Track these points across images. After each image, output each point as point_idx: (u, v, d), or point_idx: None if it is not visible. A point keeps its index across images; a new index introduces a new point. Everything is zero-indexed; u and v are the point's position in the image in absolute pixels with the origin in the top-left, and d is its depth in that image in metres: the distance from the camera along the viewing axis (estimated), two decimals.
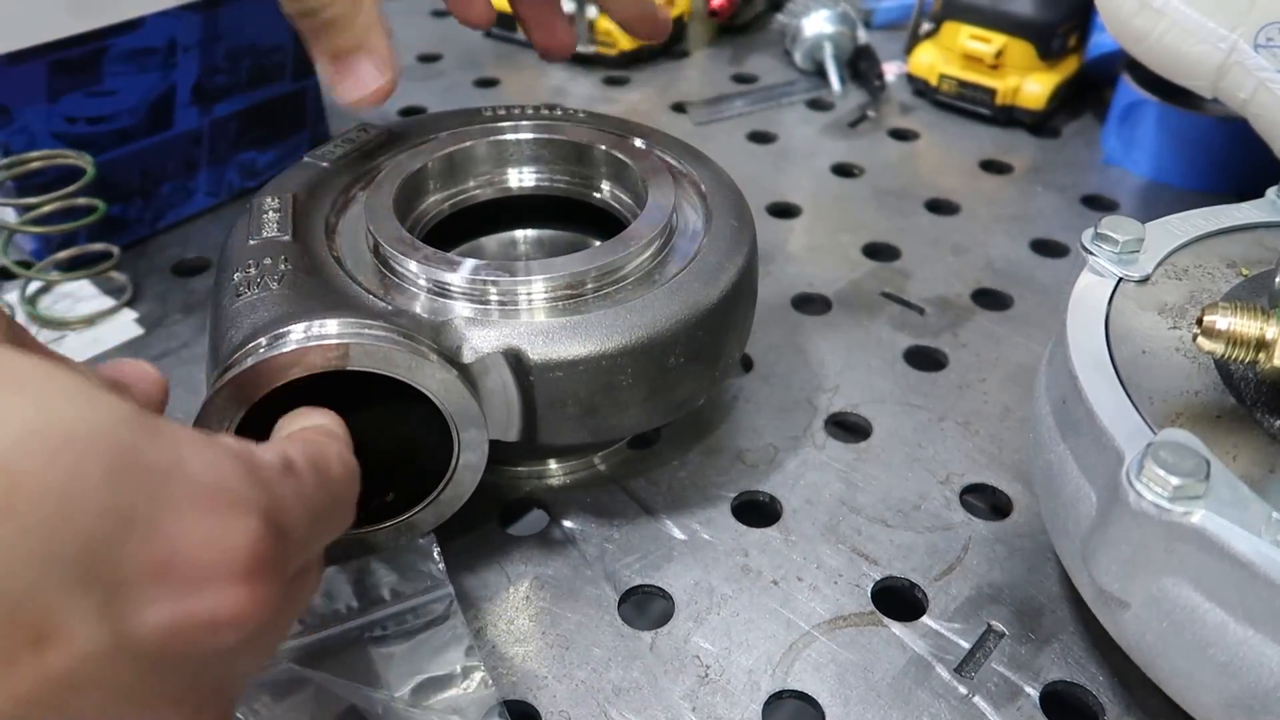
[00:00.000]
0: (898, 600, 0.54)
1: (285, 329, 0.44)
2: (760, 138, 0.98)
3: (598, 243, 0.58)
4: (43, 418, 0.23)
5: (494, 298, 0.49)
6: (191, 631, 0.25)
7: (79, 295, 0.74)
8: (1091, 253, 0.52)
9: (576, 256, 0.51)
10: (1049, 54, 0.97)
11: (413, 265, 0.50)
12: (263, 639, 0.29)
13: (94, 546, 0.23)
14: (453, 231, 0.62)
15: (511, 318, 0.48)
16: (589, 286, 0.50)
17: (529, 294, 0.49)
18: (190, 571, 0.24)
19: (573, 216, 0.64)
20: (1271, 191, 0.58)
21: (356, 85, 0.52)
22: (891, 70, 1.07)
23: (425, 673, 0.47)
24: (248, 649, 0.27)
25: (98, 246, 0.73)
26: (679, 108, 1.02)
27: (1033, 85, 0.97)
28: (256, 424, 0.42)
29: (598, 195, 0.61)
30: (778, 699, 0.48)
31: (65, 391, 0.24)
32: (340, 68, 0.52)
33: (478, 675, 0.47)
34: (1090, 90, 1.03)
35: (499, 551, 0.55)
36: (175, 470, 0.25)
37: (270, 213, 0.53)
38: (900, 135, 0.99)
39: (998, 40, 0.97)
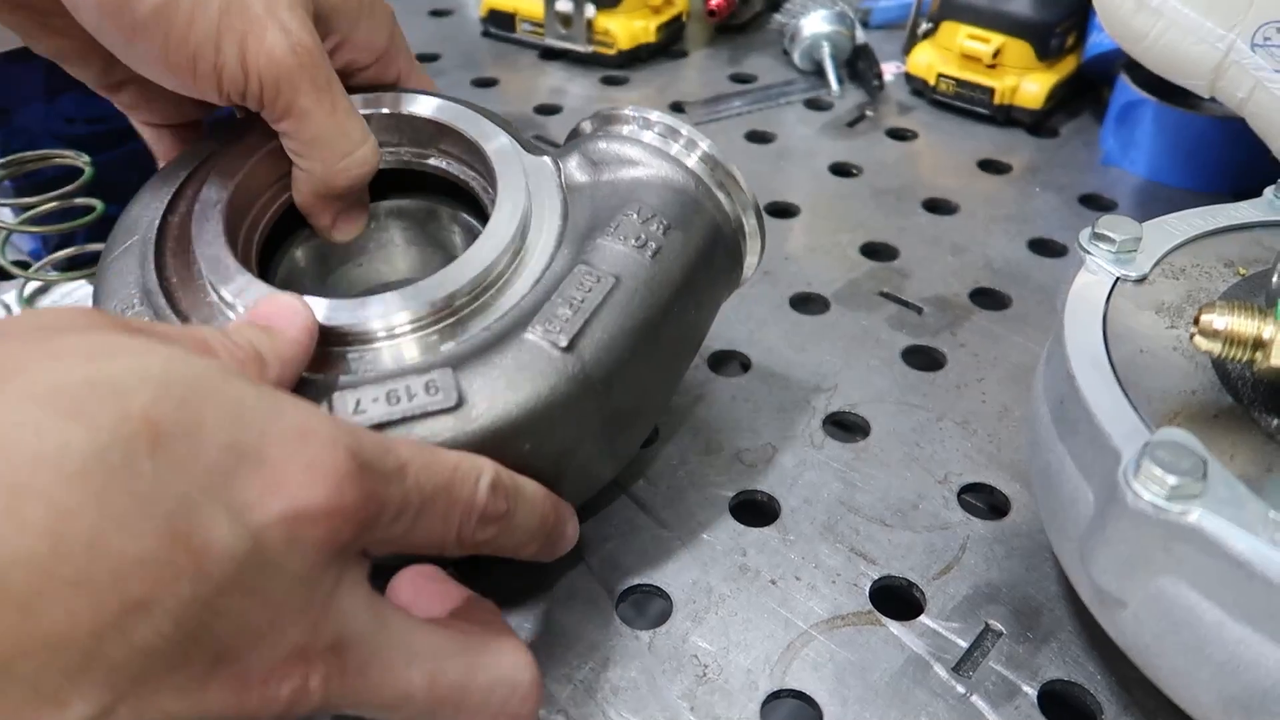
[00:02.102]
0: (896, 599, 0.54)
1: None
2: (758, 137, 0.98)
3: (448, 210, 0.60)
4: (170, 375, 0.31)
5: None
6: (295, 524, 0.31)
7: (77, 296, 0.74)
8: (1089, 252, 0.52)
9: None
10: (1047, 53, 0.97)
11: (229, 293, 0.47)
12: (370, 535, 0.35)
13: (220, 474, 0.30)
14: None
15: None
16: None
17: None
18: (293, 484, 0.32)
19: (423, 186, 0.60)
20: (1269, 191, 0.58)
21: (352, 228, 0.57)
22: (890, 70, 1.07)
23: None
24: (350, 546, 0.34)
25: (96, 247, 0.73)
26: (677, 107, 1.02)
27: (1031, 85, 0.97)
28: None
29: (435, 163, 0.57)
30: (776, 698, 0.48)
31: (181, 358, 0.32)
32: (337, 224, 0.56)
33: None
34: (1088, 90, 1.04)
35: None
36: (273, 414, 0.33)
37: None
38: (898, 135, 0.99)
39: (996, 40, 0.97)
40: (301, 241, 0.58)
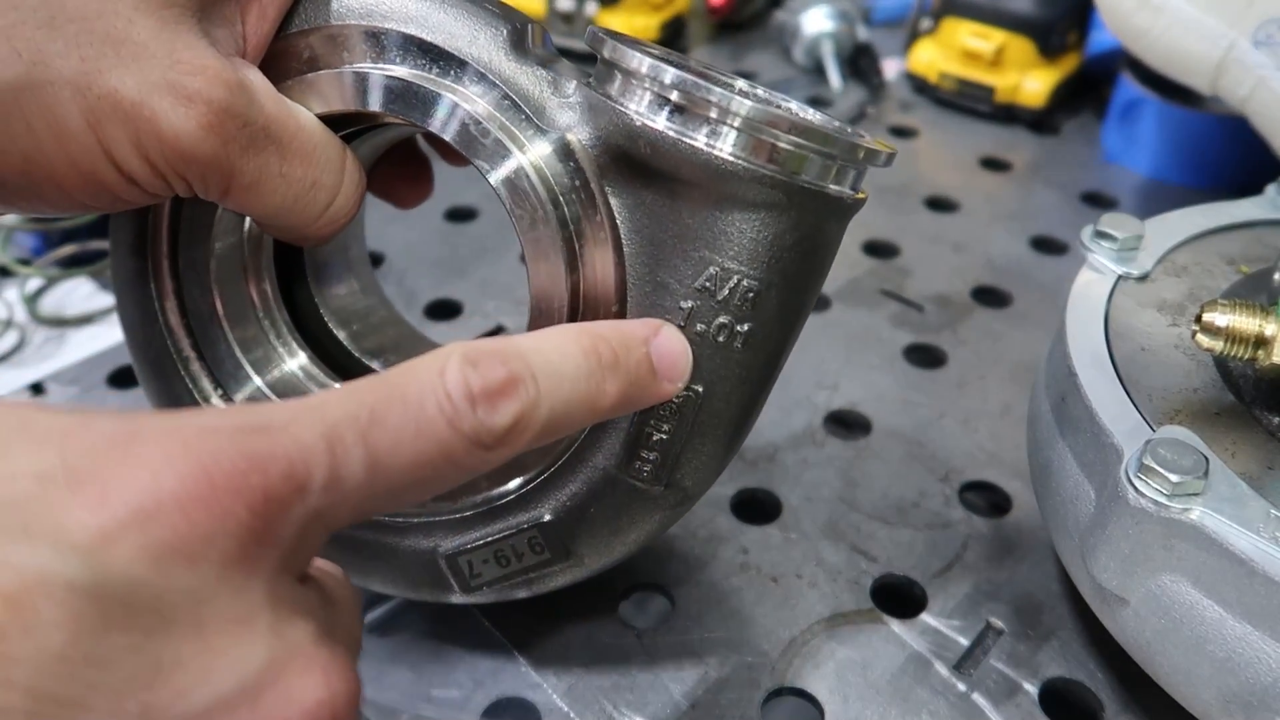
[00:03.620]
0: (897, 597, 0.54)
1: None
2: None
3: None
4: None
5: None
6: (138, 521, 0.25)
7: (79, 293, 0.74)
8: (1091, 250, 0.52)
9: None
10: (1049, 51, 0.97)
11: None
12: (288, 515, 0.28)
13: (14, 505, 0.24)
14: None
15: None
16: None
17: None
18: (115, 487, 0.25)
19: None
20: (1271, 188, 0.58)
21: None
22: (891, 67, 1.07)
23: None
24: (265, 534, 0.27)
25: (97, 244, 0.73)
26: None
27: (1032, 82, 0.97)
28: None
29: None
30: (777, 696, 0.49)
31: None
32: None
33: None
34: (1090, 88, 1.03)
35: None
36: (81, 428, 0.26)
37: None
38: (900, 132, 0.99)
39: (997, 37, 0.96)
40: None
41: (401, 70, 0.40)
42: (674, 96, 0.36)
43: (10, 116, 0.35)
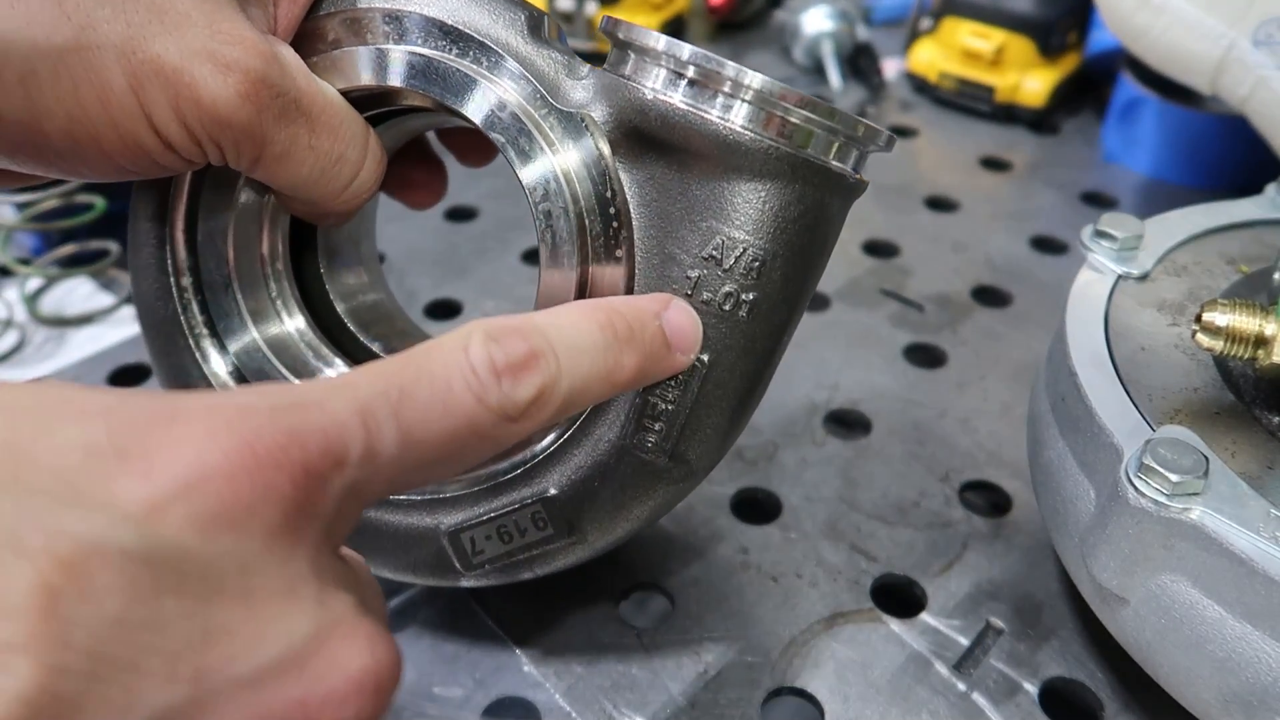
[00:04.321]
0: (897, 597, 0.54)
1: None
2: None
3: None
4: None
5: None
6: (189, 492, 0.25)
7: (79, 293, 0.74)
8: (1091, 250, 0.52)
9: None
10: (1049, 51, 0.97)
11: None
12: (327, 486, 0.28)
13: (65, 475, 0.25)
14: None
15: None
16: None
17: None
18: (163, 458, 0.26)
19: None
20: (1270, 188, 0.58)
21: None
22: (891, 67, 1.07)
23: None
24: (305, 504, 0.28)
25: (97, 244, 0.73)
26: None
27: (1032, 82, 0.97)
28: None
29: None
30: (777, 695, 0.49)
31: (12, 388, 0.27)
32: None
33: None
34: (1090, 87, 1.03)
35: None
36: (123, 406, 0.27)
37: None
38: (900, 132, 0.99)
39: (997, 37, 0.96)
40: None
41: (423, 50, 0.42)
42: (690, 72, 0.38)
43: (58, 78, 0.36)
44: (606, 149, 0.40)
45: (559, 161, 0.40)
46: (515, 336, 0.33)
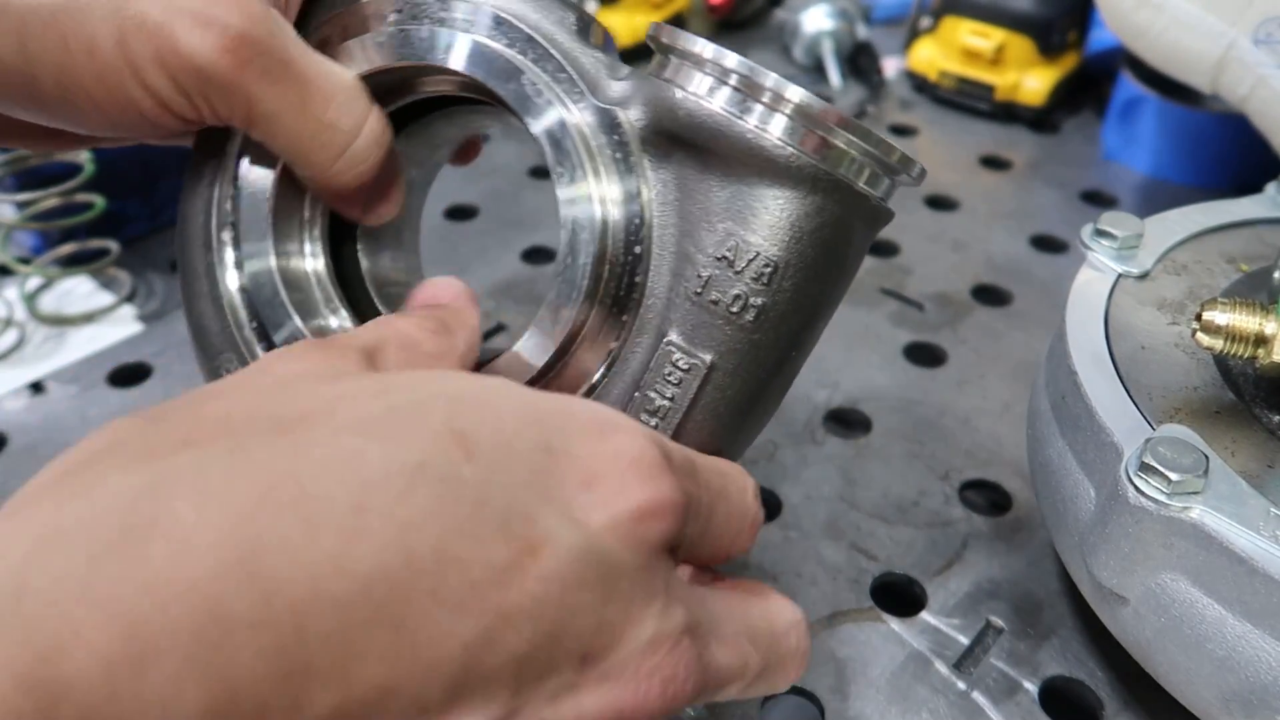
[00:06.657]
0: (897, 596, 0.54)
1: None
2: None
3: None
4: (457, 390, 0.32)
5: None
6: (627, 522, 0.31)
7: (79, 292, 0.74)
8: (1091, 248, 0.52)
9: None
10: (1049, 49, 0.97)
11: None
12: (684, 531, 0.34)
13: (537, 474, 0.30)
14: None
15: None
16: None
17: None
18: (608, 477, 0.31)
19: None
20: (1270, 187, 0.58)
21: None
22: (891, 66, 1.07)
23: None
24: (674, 541, 0.33)
25: (97, 243, 0.73)
26: None
27: (1032, 81, 0.97)
28: None
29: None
30: (777, 694, 0.49)
31: (455, 375, 0.35)
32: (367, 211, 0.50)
33: None
34: (1090, 86, 1.03)
35: None
36: (567, 413, 0.33)
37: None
38: (900, 131, 0.99)
39: (997, 36, 0.96)
40: None
41: (483, 38, 0.42)
42: (732, 80, 0.38)
43: (48, 32, 0.39)
44: (636, 145, 0.41)
45: (583, 146, 0.41)
46: (760, 502, 0.39)
